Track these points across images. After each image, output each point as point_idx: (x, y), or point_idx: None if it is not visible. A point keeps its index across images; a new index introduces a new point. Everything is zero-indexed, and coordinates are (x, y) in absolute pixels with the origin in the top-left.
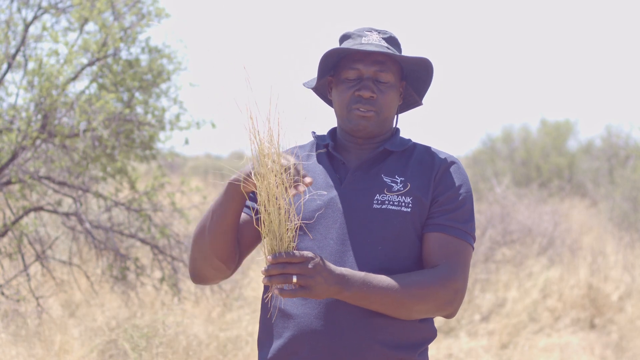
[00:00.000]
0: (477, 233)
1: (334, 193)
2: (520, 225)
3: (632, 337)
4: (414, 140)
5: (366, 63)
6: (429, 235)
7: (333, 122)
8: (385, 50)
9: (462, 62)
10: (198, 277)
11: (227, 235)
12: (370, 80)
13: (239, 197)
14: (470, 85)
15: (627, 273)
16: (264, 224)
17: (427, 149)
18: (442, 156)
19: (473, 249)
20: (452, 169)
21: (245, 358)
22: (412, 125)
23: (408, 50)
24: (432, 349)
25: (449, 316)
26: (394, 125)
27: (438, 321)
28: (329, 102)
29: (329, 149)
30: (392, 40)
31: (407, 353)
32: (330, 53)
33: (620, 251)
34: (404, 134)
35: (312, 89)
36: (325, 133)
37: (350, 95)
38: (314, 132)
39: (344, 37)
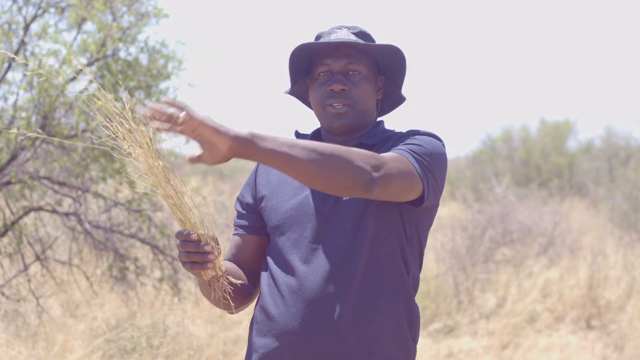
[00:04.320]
0: (477, 233)
1: (307, 191)
2: (520, 225)
3: (632, 337)
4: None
5: (335, 57)
6: None
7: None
8: (351, 41)
9: (462, 61)
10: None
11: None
12: (340, 74)
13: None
14: (469, 85)
15: (627, 273)
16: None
17: (403, 132)
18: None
19: (420, 178)
20: (412, 131)
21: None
22: (412, 125)
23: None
24: (432, 349)
25: (366, 185)
26: (376, 120)
27: (438, 321)
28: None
29: None
30: (362, 35)
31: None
32: (295, 52)
33: (620, 251)
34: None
35: (292, 94)
36: (309, 133)
37: (323, 91)
38: (297, 131)
39: (317, 38)
